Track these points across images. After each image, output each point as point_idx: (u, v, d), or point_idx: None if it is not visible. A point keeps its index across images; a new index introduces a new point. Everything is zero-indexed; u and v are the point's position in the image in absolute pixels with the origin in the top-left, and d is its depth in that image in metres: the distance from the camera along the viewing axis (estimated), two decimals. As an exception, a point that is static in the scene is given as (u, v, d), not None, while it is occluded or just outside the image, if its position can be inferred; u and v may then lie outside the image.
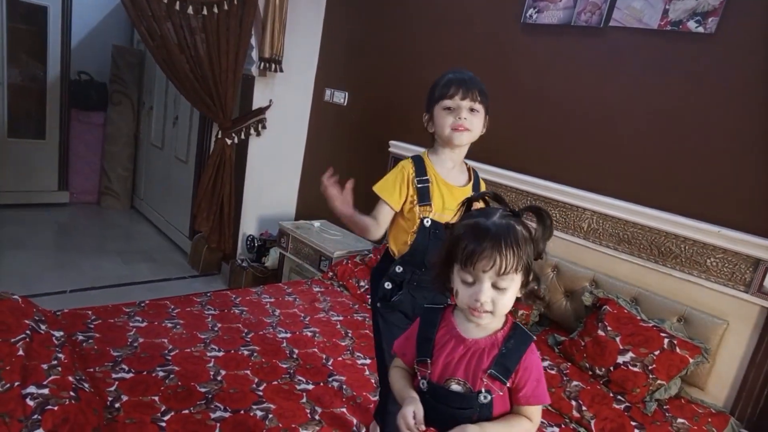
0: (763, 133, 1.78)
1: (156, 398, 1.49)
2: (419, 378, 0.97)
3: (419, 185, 1.35)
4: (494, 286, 0.87)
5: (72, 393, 1.23)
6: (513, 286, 0.88)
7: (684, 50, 1.93)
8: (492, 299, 0.87)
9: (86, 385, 1.33)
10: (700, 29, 1.85)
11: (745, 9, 1.78)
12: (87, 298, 2.87)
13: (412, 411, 0.90)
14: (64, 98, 4.25)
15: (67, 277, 3.15)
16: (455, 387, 0.93)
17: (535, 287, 0.92)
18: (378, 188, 1.39)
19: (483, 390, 0.91)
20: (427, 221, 1.34)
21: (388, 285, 1.38)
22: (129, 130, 4.54)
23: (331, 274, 2.68)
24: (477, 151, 2.60)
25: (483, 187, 1.45)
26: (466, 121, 1.31)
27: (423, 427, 0.89)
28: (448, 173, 1.39)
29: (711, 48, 1.86)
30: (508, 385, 0.91)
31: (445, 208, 1.35)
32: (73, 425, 1.17)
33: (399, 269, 1.37)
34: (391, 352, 1.27)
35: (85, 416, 1.21)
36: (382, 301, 1.40)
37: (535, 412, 0.94)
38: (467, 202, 0.98)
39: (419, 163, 1.37)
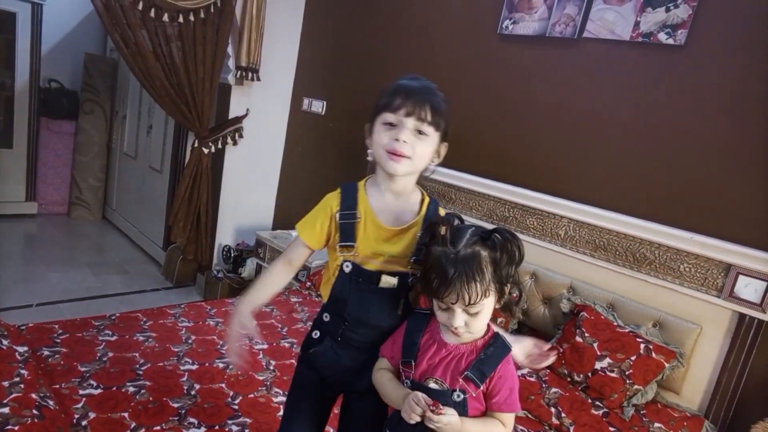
0: (732, 141, 1.83)
1: (126, 414, 1.43)
2: (403, 378, 1.02)
3: (342, 221, 1.06)
4: (466, 311, 0.93)
5: (35, 411, 1.18)
6: (485, 308, 0.94)
7: (655, 61, 1.98)
8: (465, 322, 0.94)
9: (51, 403, 1.27)
10: (670, 41, 1.90)
11: (713, 22, 1.84)
12: (55, 312, 2.77)
13: (423, 396, 0.93)
14: (33, 106, 4.13)
15: (34, 290, 3.03)
16: (433, 385, 0.97)
17: (512, 300, 0.97)
18: (299, 224, 1.12)
19: (457, 389, 0.95)
20: (347, 266, 1.05)
21: (315, 334, 1.14)
22: (101, 140, 4.43)
23: (309, 284, 2.65)
24: (453, 159, 2.63)
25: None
26: (405, 145, 1.00)
27: (431, 401, 0.92)
28: (385, 209, 1.07)
29: (681, 59, 1.91)
30: (482, 389, 0.96)
31: (375, 254, 1.05)
32: (36, 445, 1.12)
33: (326, 317, 1.11)
34: (291, 402, 1.19)
35: (49, 435, 1.16)
36: (302, 349, 1.17)
37: (508, 419, 0.98)
38: (431, 226, 0.98)
39: (349, 194, 1.08)
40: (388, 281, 1.05)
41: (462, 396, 0.95)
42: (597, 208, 2.08)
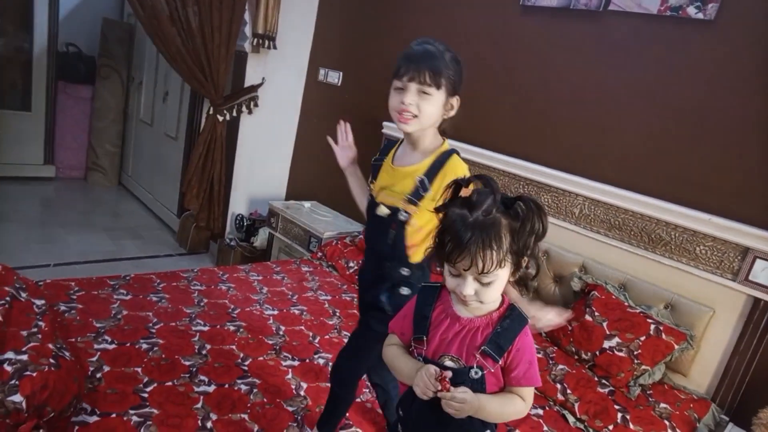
0: (757, 123, 1.77)
1: (139, 370, 1.47)
2: (415, 355, 0.97)
3: (373, 163, 1.34)
4: (477, 280, 0.87)
5: (52, 360, 1.21)
6: (498, 279, 0.88)
7: (683, 37, 1.91)
8: (476, 291, 0.88)
9: (67, 354, 1.30)
10: (700, 15, 1.83)
11: (746, -5, 1.77)
12: (71, 272, 2.83)
13: (432, 367, 0.90)
14: (51, 70, 4.15)
15: (52, 251, 3.10)
16: (449, 363, 0.92)
17: (527, 274, 0.91)
18: None
19: (475, 366, 0.91)
20: (369, 197, 1.33)
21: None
22: (117, 106, 4.45)
23: (320, 254, 2.67)
24: (469, 134, 2.60)
25: (444, 175, 1.20)
26: (411, 106, 1.16)
27: (450, 374, 0.89)
28: (402, 155, 1.29)
29: (710, 35, 1.85)
30: (500, 363, 0.91)
31: (382, 188, 1.28)
32: (53, 392, 1.15)
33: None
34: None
35: (65, 384, 1.19)
36: None
37: (528, 393, 0.94)
38: (454, 185, 0.92)
39: (388, 145, 1.36)
40: (382, 210, 1.25)
41: (480, 372, 0.90)
42: (614, 187, 2.05)
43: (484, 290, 0.88)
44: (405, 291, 1.27)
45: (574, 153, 2.21)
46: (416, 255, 1.25)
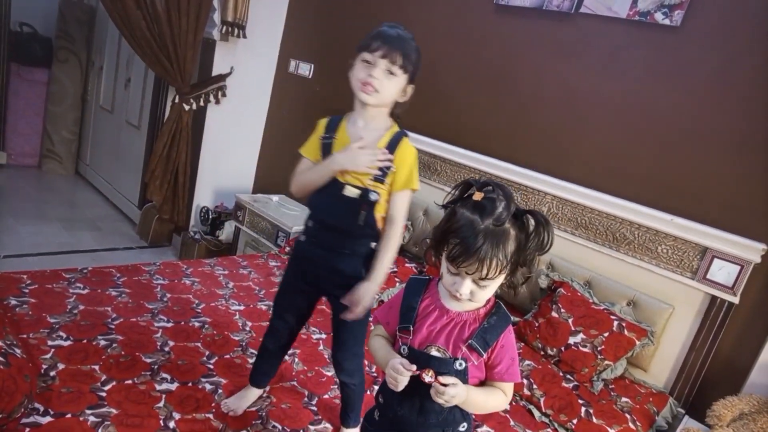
0: (716, 127, 1.84)
1: (96, 367, 1.40)
2: (400, 344, 0.99)
3: (323, 141, 1.33)
4: (476, 282, 0.90)
5: (1, 358, 1.13)
6: (495, 282, 0.91)
7: (650, 41, 1.96)
8: (471, 291, 0.91)
9: (18, 351, 1.23)
10: (667, 21, 1.88)
11: (710, 4, 1.83)
12: (23, 265, 2.68)
13: (399, 361, 0.93)
14: (3, 51, 3.91)
15: (1, 242, 2.93)
16: (435, 353, 0.95)
17: (518, 279, 0.94)
18: (302, 147, 1.40)
19: (460, 357, 0.94)
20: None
21: (302, 237, 1.37)
22: (76, 91, 4.25)
23: (288, 248, 2.62)
24: (440, 131, 2.60)
25: (403, 155, 1.27)
26: (377, 81, 1.21)
27: (414, 367, 0.91)
28: (355, 132, 1.30)
29: (676, 40, 1.90)
30: (483, 357, 0.95)
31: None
32: (1, 392, 1.08)
33: (310, 223, 1.35)
34: (280, 293, 1.43)
35: (15, 383, 1.12)
36: (293, 249, 1.41)
37: (509, 388, 0.98)
38: (465, 184, 0.93)
39: (333, 122, 1.35)
40: (351, 191, 1.26)
41: (464, 364, 0.93)
42: (582, 187, 2.09)
43: (480, 291, 0.91)
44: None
45: (543, 152, 2.24)
46: (381, 225, 1.32)
